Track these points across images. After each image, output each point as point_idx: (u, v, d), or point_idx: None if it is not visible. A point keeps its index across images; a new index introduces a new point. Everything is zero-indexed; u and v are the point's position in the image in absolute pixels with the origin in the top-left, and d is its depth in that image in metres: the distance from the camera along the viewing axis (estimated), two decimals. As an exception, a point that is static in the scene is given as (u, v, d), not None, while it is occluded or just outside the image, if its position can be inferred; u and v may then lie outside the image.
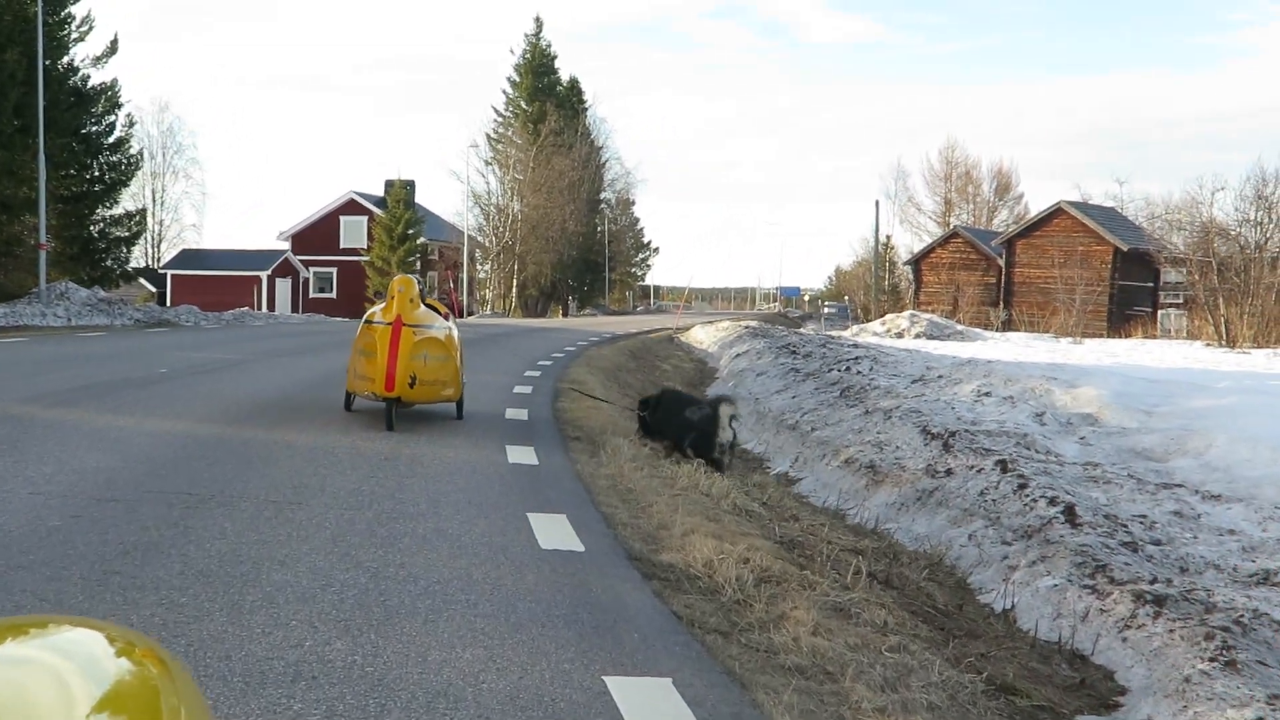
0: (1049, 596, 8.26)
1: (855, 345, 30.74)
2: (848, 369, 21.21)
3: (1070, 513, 10.02)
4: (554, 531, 6.95)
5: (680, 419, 11.76)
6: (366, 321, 11.90)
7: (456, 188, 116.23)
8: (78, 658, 1.32)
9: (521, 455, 10.05)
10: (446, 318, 12.69)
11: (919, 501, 11.89)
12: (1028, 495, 10.69)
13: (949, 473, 12.28)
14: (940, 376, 18.82)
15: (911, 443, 13.82)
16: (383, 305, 11.92)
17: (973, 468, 12.09)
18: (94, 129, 43.39)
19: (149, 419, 10.58)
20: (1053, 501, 10.35)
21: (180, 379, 14.60)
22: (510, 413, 13.31)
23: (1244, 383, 23.98)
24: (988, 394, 16.77)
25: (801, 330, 46.39)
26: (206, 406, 11.89)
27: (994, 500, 10.92)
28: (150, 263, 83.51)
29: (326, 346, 23.51)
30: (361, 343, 11.61)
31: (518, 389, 16.56)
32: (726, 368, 28.79)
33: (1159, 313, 72.87)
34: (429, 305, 12.53)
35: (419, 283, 12.40)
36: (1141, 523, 10.10)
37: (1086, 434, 14.58)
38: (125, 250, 45.86)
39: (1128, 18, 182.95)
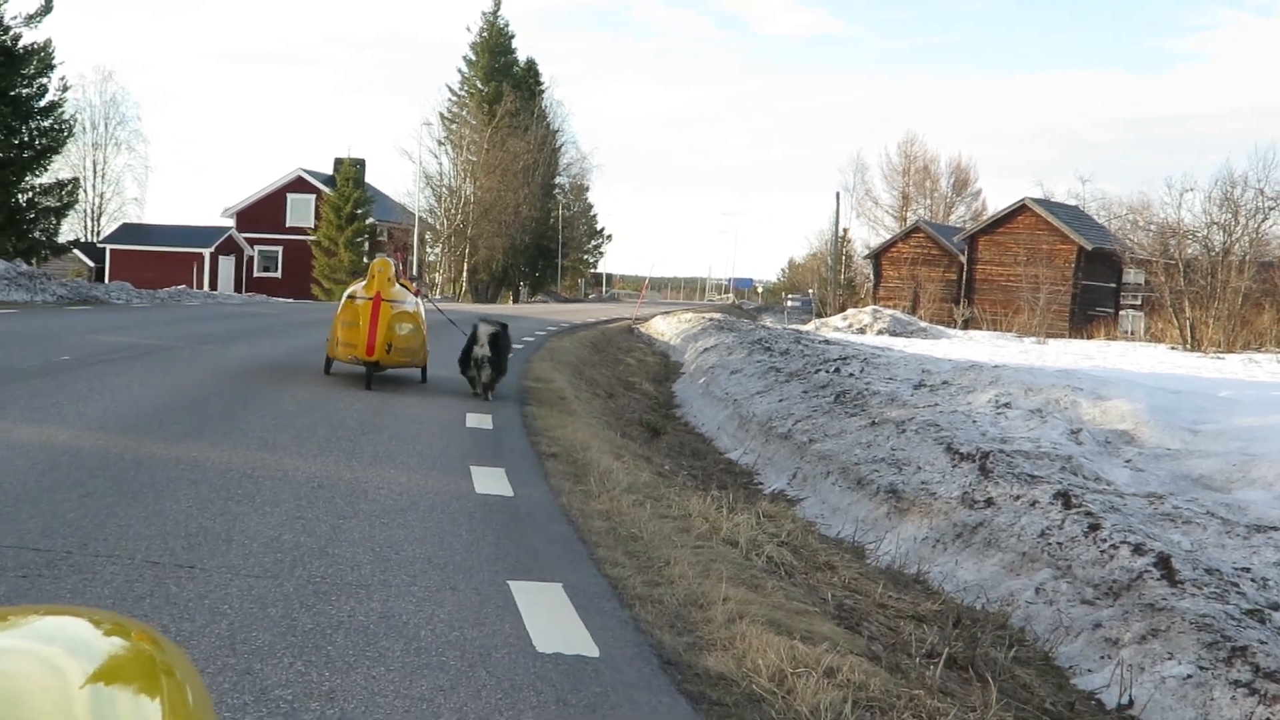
0: (1185, 693, 6.33)
1: (828, 342, 28.89)
2: (836, 370, 19.28)
3: (1165, 565, 8.12)
4: (550, 616, 4.94)
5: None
6: (349, 297, 13.79)
7: (408, 168, 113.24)
8: (61, 641, 1.29)
9: (491, 481, 8.02)
10: (416, 295, 14.94)
11: (960, 539, 9.97)
12: (1103, 539, 8.79)
13: (990, 503, 10.37)
14: (946, 383, 16.93)
15: (936, 463, 11.89)
16: (363, 283, 13.92)
17: (1020, 498, 10.18)
18: (24, 91, 40.75)
19: (22, 425, 8.43)
20: (1138, 550, 8.44)
21: (82, 369, 12.42)
22: (472, 419, 11.26)
23: (1246, 393, 22.35)
24: (1007, 405, 14.88)
25: (767, 324, 44.47)
26: (103, 407, 9.76)
27: (1059, 543, 9.01)
28: (89, 236, 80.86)
29: (262, 332, 21.33)
30: (345, 315, 13.52)
31: (477, 388, 14.53)
32: (694, 363, 26.80)
33: (1121, 313, 71.79)
34: (401, 284, 14.36)
35: (394, 264, 14.28)
36: (1251, 580, 8.21)
37: (1132, 456, 12.71)
38: (55, 221, 43.25)
39: (1084, 19, 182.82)
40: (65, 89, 43.49)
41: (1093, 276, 69.47)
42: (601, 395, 18.58)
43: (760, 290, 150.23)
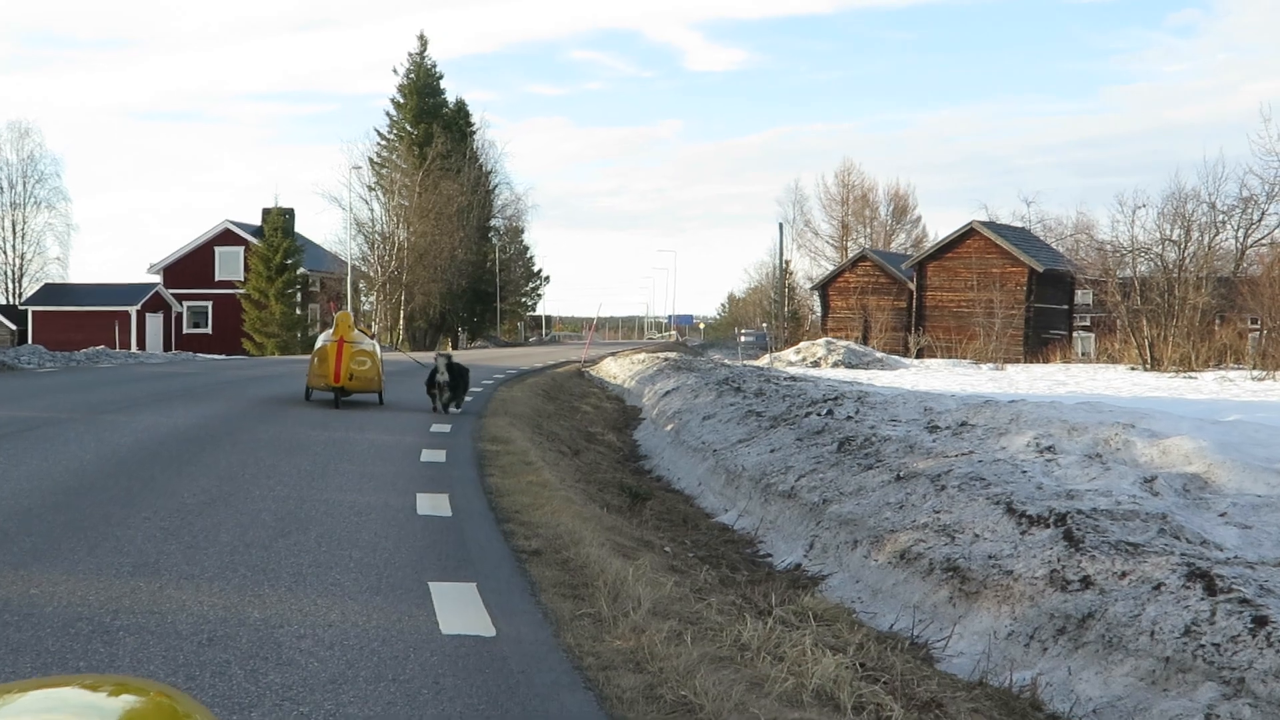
0: None
1: (794, 379, 26.70)
2: (830, 413, 17.01)
3: (1385, 680, 5.90)
4: None
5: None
6: (321, 342, 18.37)
7: (338, 217, 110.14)
8: (66, 709, 1.26)
9: (461, 610, 5.65)
10: (372, 338, 19.45)
11: (1065, 636, 7.69)
12: (1276, 638, 6.56)
13: (1088, 583, 8.10)
14: (964, 423, 14.70)
15: (997, 529, 9.61)
16: (330, 330, 18.44)
17: (1129, 576, 7.94)
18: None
19: None
20: (1337, 654, 6.22)
21: (-68, 458, 9.92)
22: (424, 503, 8.87)
23: (1256, 415, 20.54)
24: (1050, 448, 12.65)
25: (726, 361, 42.27)
26: (-69, 516, 7.31)
27: (1216, 645, 6.74)
28: (10, 299, 77.95)
29: (176, 396, 18.77)
30: (318, 354, 18.10)
31: (427, 455, 12.13)
32: (655, 408, 24.53)
33: (1075, 335, 70.51)
34: (360, 330, 19.15)
35: (352, 314, 20.35)
36: None
37: (1225, 508, 10.50)
38: (-40, 284, 40.50)
39: (1003, 48, 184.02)
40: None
41: (1045, 299, 68.12)
42: (567, 453, 16.26)
43: (702, 326, 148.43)
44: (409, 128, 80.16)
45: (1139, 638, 7.15)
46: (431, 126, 78.09)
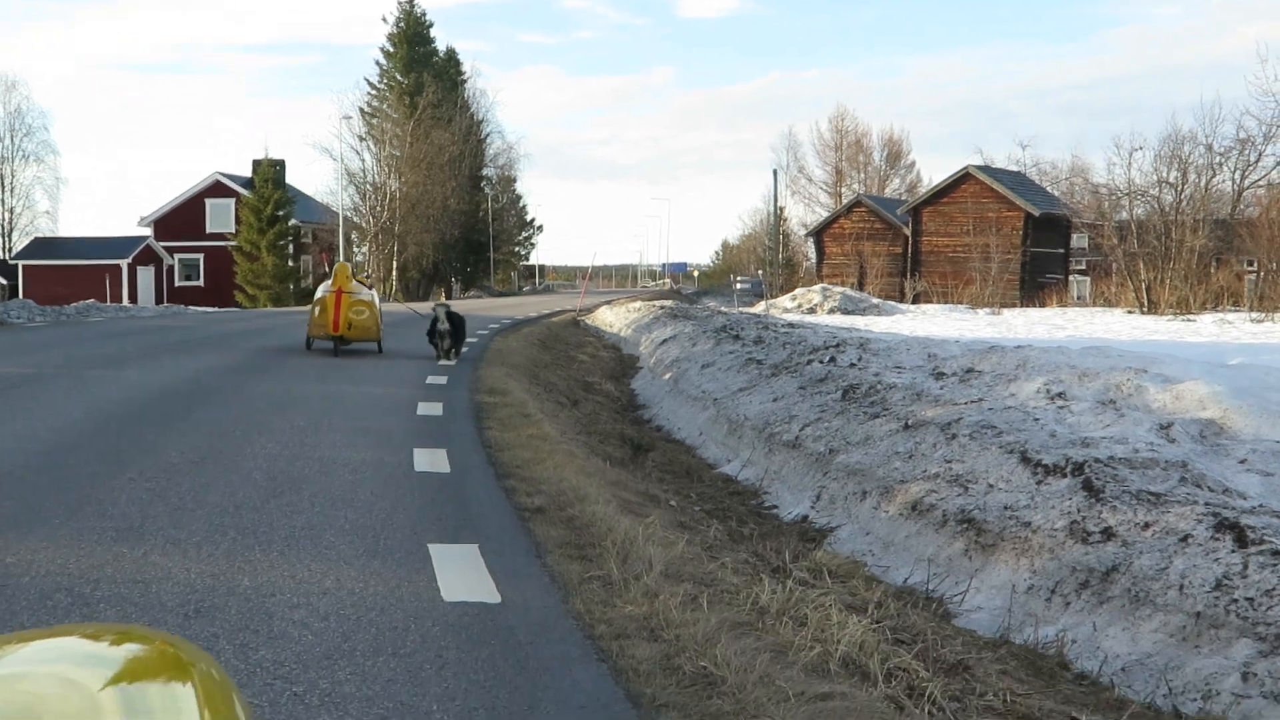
0: None
1: (792, 326, 26.39)
2: (832, 360, 16.68)
3: None
4: None
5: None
6: (321, 293, 19.07)
7: (329, 168, 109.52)
8: (68, 659, 1.25)
9: (462, 574, 5.35)
10: (370, 288, 20.31)
11: (1088, 590, 7.41)
12: (1313, 592, 6.27)
13: (1109, 535, 7.82)
14: (971, 369, 14.39)
15: (1012, 478, 9.33)
16: (329, 281, 19.31)
17: (1152, 527, 7.66)
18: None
19: None
20: (1378, 608, 5.94)
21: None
22: (422, 459, 8.56)
23: (1260, 357, 20.27)
24: (1061, 394, 12.35)
25: (723, 309, 41.94)
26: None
27: (1250, 599, 6.47)
28: (0, 253, 77.38)
29: (166, 350, 18.43)
30: (318, 304, 18.76)
31: (423, 408, 11.82)
32: (652, 356, 24.23)
33: (1070, 279, 70.14)
34: (359, 281, 19.96)
35: (351, 265, 21.62)
36: None
37: (1245, 454, 10.21)
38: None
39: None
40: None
41: (1041, 243, 67.66)
42: (565, 404, 15.96)
43: (696, 274, 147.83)
44: (399, 77, 79.44)
45: (1167, 592, 6.88)
46: (422, 76, 77.35)
